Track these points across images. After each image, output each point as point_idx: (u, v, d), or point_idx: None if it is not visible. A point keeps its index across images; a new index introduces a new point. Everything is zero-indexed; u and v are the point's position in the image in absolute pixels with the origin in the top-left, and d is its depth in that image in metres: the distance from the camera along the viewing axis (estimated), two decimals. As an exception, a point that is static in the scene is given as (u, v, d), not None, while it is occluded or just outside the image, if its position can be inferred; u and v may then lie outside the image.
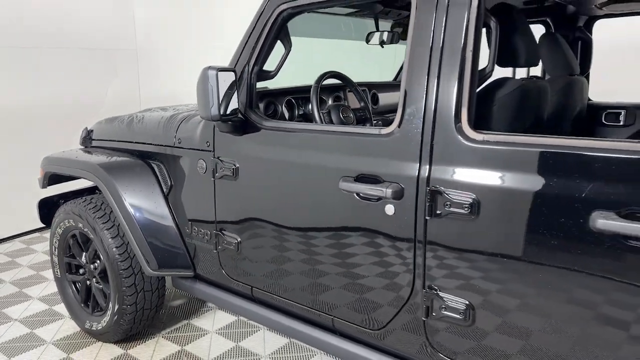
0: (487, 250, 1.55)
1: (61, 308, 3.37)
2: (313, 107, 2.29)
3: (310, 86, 2.42)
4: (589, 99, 2.82)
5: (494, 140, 1.52)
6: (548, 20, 2.72)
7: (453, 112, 1.58)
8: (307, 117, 2.55)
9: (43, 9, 4.72)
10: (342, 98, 2.84)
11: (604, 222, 1.31)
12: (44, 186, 3.17)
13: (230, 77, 2.00)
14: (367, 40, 2.83)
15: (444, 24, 1.59)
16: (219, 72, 1.91)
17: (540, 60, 2.26)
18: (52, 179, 3.16)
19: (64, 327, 3.19)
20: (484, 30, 1.73)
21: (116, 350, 2.93)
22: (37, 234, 4.88)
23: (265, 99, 2.45)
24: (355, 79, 2.92)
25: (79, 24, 5.02)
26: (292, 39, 2.23)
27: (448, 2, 1.58)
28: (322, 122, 2.35)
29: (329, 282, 1.99)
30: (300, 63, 2.88)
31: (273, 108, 2.50)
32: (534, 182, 1.44)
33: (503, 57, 1.82)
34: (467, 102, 1.55)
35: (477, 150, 1.54)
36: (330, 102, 2.73)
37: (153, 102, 5.06)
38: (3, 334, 3.10)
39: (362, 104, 2.77)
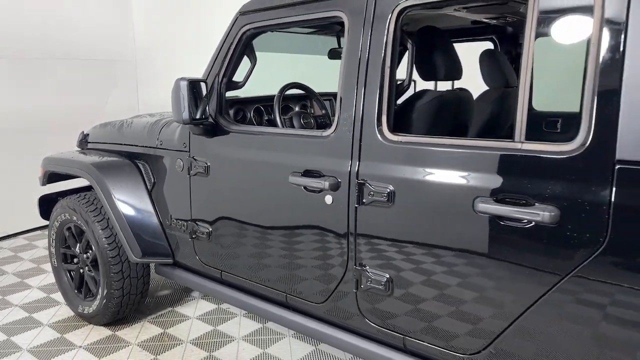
0: (401, 232, 1.87)
1: (58, 296, 3.70)
2: (275, 113, 2.62)
3: (282, 94, 2.76)
4: (533, 108, 3.13)
5: (406, 141, 1.85)
6: (494, 37, 3.05)
7: (375, 118, 1.90)
8: (273, 123, 2.88)
9: (49, 22, 5.11)
10: (308, 106, 3.18)
11: (484, 206, 1.63)
12: (43, 183, 3.51)
13: (201, 86, 2.34)
14: (329, 56, 3.16)
15: (368, 45, 1.92)
16: (189, 83, 2.25)
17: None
18: (51, 177, 3.49)
19: (59, 312, 3.52)
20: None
21: (105, 331, 3.24)
22: (38, 232, 5.22)
23: (235, 106, 2.79)
24: (325, 89, 3.25)
25: (81, 37, 5.40)
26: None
27: (371, 27, 1.92)
28: (284, 127, 2.68)
29: (282, 263, 2.31)
30: (276, 75, 3.20)
31: (242, 114, 2.84)
32: (435, 175, 1.76)
33: (424, 72, 2.15)
34: (386, 109, 1.88)
35: (393, 149, 1.87)
36: (296, 109, 3.07)
37: (151, 109, 5.41)
38: (4, 317, 3.43)
39: (324, 111, 3.10)
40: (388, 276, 1.94)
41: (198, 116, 2.31)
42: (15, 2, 4.86)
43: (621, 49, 1.40)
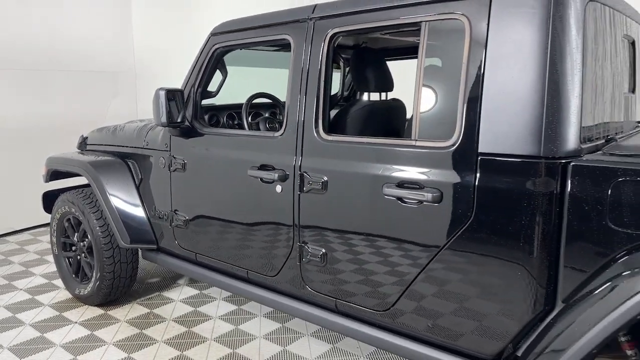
0: (332, 214, 2.31)
1: (58, 282, 4.15)
2: (243, 118, 3.07)
3: (249, 103, 3.22)
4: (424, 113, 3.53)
5: (336, 140, 2.29)
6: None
7: (314, 121, 2.35)
8: (242, 126, 3.32)
9: (54, 36, 5.61)
10: (277, 112, 3.63)
11: (389, 190, 2.07)
12: (47, 180, 3.98)
13: (178, 95, 2.80)
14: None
15: (308, 62, 2.37)
16: (166, 92, 2.71)
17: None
18: (54, 175, 3.95)
19: (59, 295, 3.97)
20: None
21: (98, 310, 3.68)
22: (43, 228, 5.69)
23: (210, 112, 3.25)
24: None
25: (84, 49, 5.90)
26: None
27: (310, 48, 2.37)
28: (251, 130, 3.13)
29: (244, 244, 2.75)
30: (250, 86, 3.65)
31: (216, 119, 3.29)
32: (356, 167, 2.20)
33: (359, 85, 2.60)
34: (321, 115, 2.32)
35: (327, 147, 2.31)
36: (266, 115, 3.52)
37: (150, 117, 5.89)
38: (10, 299, 3.88)
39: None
40: (324, 250, 2.37)
41: (174, 120, 2.76)
42: (23, 18, 5.37)
43: (482, 70, 1.84)
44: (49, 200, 4.01)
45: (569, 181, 1.69)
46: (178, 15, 6.52)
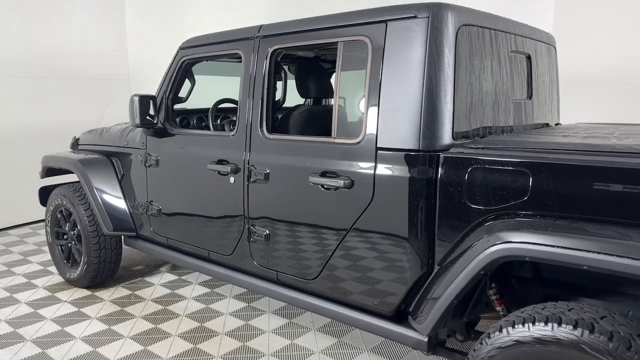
0: (273, 200, 2.76)
1: (53, 269, 4.61)
2: (209, 121, 3.53)
3: (216, 107, 3.68)
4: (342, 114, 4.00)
5: (276, 138, 2.75)
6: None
7: (259, 122, 2.81)
8: (208, 127, 3.78)
9: (54, 46, 6.12)
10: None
11: (313, 179, 2.52)
12: (42, 177, 4.45)
13: (150, 100, 3.27)
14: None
15: (255, 73, 2.83)
16: (140, 97, 3.18)
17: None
18: (49, 172, 4.42)
19: (52, 279, 4.43)
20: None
21: (86, 292, 4.14)
22: (41, 223, 6.17)
23: (182, 115, 3.71)
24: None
25: (82, 58, 6.41)
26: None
27: (256, 61, 2.83)
28: (215, 130, 3.59)
29: (205, 229, 3.20)
30: (225, 92, 4.10)
31: (187, 121, 3.76)
32: (290, 160, 2.65)
33: (301, 92, 3.06)
34: (265, 117, 2.78)
35: (269, 144, 2.76)
36: (233, 118, 3.99)
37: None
38: (8, 282, 4.35)
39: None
40: (267, 231, 2.82)
41: (146, 122, 3.23)
42: (24, 29, 5.87)
43: (380, 82, 2.29)
44: (45, 194, 4.48)
45: (440, 169, 2.13)
46: (169, 27, 7.01)
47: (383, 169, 2.28)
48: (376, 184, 2.30)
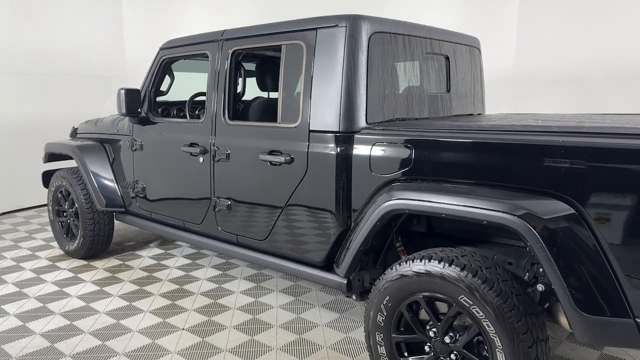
0: (233, 176, 3.33)
1: (54, 244, 5.21)
2: (186, 111, 4.12)
3: (193, 99, 4.26)
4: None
5: (236, 124, 3.32)
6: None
7: (222, 111, 3.39)
8: (185, 117, 4.35)
9: (54, 44, 6.71)
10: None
11: (262, 156, 3.10)
12: (45, 162, 5.05)
13: (136, 93, 3.85)
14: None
15: (218, 69, 3.41)
16: (125, 91, 3.76)
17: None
18: (51, 157, 5.01)
19: (53, 252, 5.04)
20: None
21: (82, 262, 4.74)
22: (45, 207, 6.78)
23: (162, 106, 4.29)
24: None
25: (81, 57, 7.00)
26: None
27: (220, 59, 3.40)
28: (190, 119, 4.15)
29: (180, 201, 3.78)
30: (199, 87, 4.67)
31: (168, 111, 4.34)
32: (246, 142, 3.23)
33: (260, 86, 3.63)
34: (227, 106, 3.36)
35: (230, 129, 3.34)
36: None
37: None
38: (16, 254, 4.96)
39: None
40: (229, 202, 3.40)
41: (130, 111, 3.81)
42: (26, 27, 6.48)
43: (311, 77, 2.86)
44: (47, 177, 5.08)
45: (354, 146, 2.71)
46: (165, 26, 7.59)
47: (314, 147, 2.85)
48: (309, 159, 2.87)
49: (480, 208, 2.13)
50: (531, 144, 2.14)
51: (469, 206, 2.17)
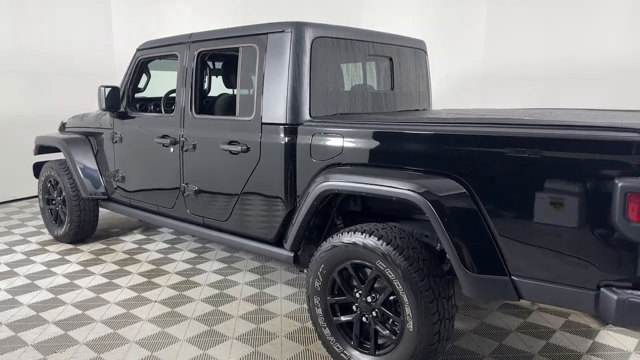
0: (199, 164, 3.74)
1: (45, 230, 5.62)
2: (161, 106, 4.52)
3: (167, 96, 4.66)
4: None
5: (201, 117, 3.73)
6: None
7: (189, 106, 3.79)
8: (160, 111, 4.75)
9: (49, 44, 7.11)
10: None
11: (223, 146, 3.50)
12: (36, 154, 5.45)
13: (116, 90, 4.26)
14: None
15: (186, 68, 3.81)
16: (104, 87, 4.16)
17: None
18: (41, 150, 5.42)
19: (43, 237, 5.44)
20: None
21: (69, 246, 5.15)
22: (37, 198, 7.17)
23: (141, 102, 4.70)
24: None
25: (72, 56, 7.40)
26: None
27: (187, 60, 3.81)
28: (163, 113, 4.55)
29: (154, 188, 4.19)
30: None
31: (145, 106, 4.75)
32: (209, 133, 3.63)
33: (225, 83, 4.04)
34: (193, 102, 3.76)
35: (196, 122, 3.74)
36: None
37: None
38: (8, 239, 5.36)
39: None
40: (196, 187, 3.81)
41: (110, 106, 4.22)
42: (19, 28, 6.87)
43: (263, 77, 3.26)
44: (38, 168, 5.48)
45: (298, 136, 3.11)
46: (154, 26, 7.97)
47: (266, 137, 3.26)
48: (262, 148, 3.27)
49: (390, 187, 2.54)
50: (431, 134, 2.55)
51: (382, 185, 2.58)
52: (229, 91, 4.34)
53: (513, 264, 2.31)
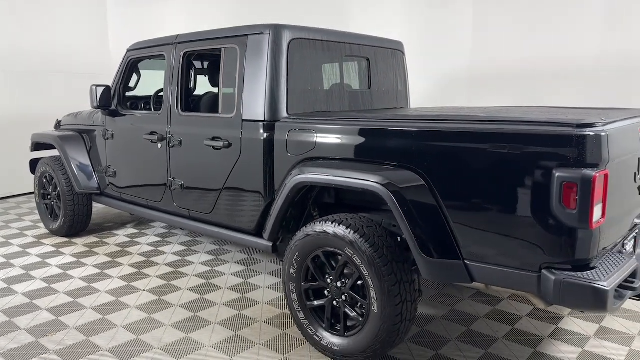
0: (184, 159, 3.93)
1: (41, 225, 5.82)
2: (151, 104, 4.71)
3: (157, 94, 4.85)
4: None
5: (186, 115, 3.92)
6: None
7: (176, 104, 3.98)
8: (150, 109, 4.94)
9: (47, 44, 7.31)
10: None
11: (206, 142, 3.69)
12: (32, 150, 5.65)
13: (107, 89, 4.45)
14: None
15: (172, 68, 4.00)
16: (96, 86, 4.36)
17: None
18: (37, 147, 5.61)
19: (39, 231, 5.64)
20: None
21: (64, 239, 5.34)
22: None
23: (132, 100, 4.89)
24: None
25: (69, 56, 7.60)
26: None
27: (174, 60, 4.00)
28: (152, 111, 4.74)
29: (143, 183, 4.38)
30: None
31: (136, 104, 4.94)
32: (194, 129, 3.82)
33: (210, 82, 4.23)
34: (179, 100, 3.95)
35: (182, 119, 3.93)
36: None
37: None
38: (6, 233, 5.56)
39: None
40: (182, 182, 4.00)
41: (101, 105, 4.41)
42: (17, 28, 7.07)
43: (244, 76, 3.45)
44: (34, 165, 5.68)
45: (276, 132, 3.30)
46: (149, 26, 8.16)
47: (246, 133, 3.44)
48: (242, 143, 3.46)
49: (357, 179, 2.73)
50: (392, 130, 2.74)
51: (349, 178, 2.78)
52: (215, 90, 4.52)
53: (466, 249, 2.50)
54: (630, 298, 2.89)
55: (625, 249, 2.75)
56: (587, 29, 6.11)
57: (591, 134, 2.14)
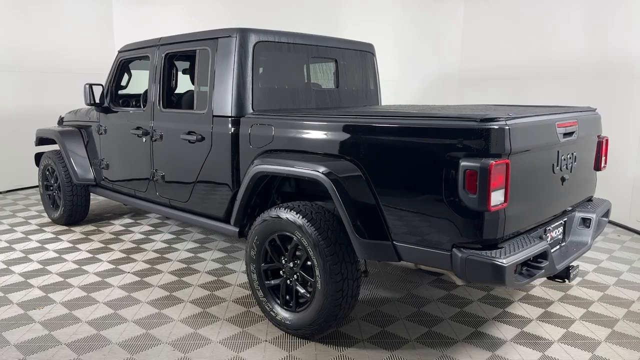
0: (165, 152, 4.27)
1: (44, 213, 6.24)
2: (141, 102, 5.07)
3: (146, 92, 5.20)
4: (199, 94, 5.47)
5: (166, 111, 4.26)
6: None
7: (158, 101, 4.33)
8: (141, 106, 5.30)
9: (51, 44, 7.74)
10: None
11: (182, 136, 4.03)
12: (36, 145, 6.06)
13: (100, 88, 4.82)
14: (182, 72, 5.59)
15: (155, 68, 4.34)
16: (89, 85, 4.73)
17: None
18: (42, 141, 6.02)
19: (42, 220, 6.05)
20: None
21: (64, 227, 5.74)
22: (43, 186, 7.82)
23: (123, 98, 5.26)
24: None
25: (74, 56, 8.03)
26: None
27: (157, 61, 4.34)
28: (139, 108, 5.09)
29: (130, 174, 4.74)
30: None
31: (127, 102, 5.31)
32: (174, 124, 4.16)
33: (190, 80, 4.57)
34: (162, 98, 4.29)
35: (163, 115, 4.28)
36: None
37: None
38: (11, 221, 5.99)
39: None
40: (163, 173, 4.35)
41: (94, 102, 4.78)
42: (24, 29, 7.51)
43: (214, 76, 3.77)
44: (38, 158, 6.09)
45: (241, 127, 3.62)
46: (154, 26, 8.55)
47: (216, 128, 3.76)
48: (213, 137, 3.79)
49: (303, 169, 3.04)
50: (335, 124, 3.04)
51: (297, 168, 3.08)
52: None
53: (394, 232, 2.78)
54: (549, 279, 3.15)
55: (547, 235, 3.01)
56: (570, 29, 6.30)
57: (494, 127, 2.41)
